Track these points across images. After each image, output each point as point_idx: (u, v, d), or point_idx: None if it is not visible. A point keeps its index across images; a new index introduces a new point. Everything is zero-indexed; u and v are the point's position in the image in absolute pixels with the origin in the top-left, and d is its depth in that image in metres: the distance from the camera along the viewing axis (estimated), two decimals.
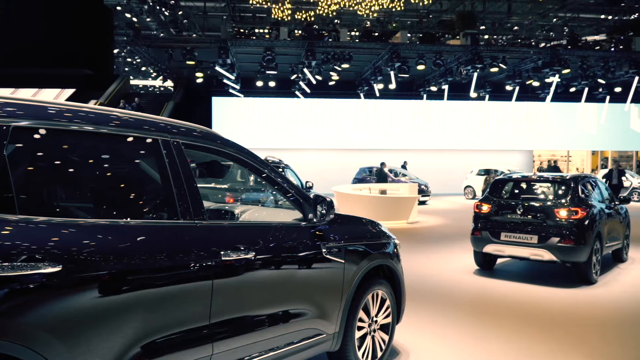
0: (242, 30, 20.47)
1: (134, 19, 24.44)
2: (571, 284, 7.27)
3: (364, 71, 21.94)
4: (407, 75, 19.25)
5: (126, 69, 33.88)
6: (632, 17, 24.58)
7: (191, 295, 2.55)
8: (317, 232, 3.43)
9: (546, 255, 7.21)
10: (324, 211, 3.47)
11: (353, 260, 3.68)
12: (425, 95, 22.99)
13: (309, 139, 24.10)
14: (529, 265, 8.65)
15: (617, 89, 21.72)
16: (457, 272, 8.11)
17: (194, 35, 21.74)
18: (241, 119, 23.92)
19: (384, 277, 4.13)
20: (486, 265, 8.24)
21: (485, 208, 7.91)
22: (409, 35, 21.61)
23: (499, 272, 8.23)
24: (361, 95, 22.77)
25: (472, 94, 21.11)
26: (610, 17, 25.33)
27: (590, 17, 26.81)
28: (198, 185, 2.81)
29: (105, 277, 2.18)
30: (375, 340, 3.98)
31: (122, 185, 2.70)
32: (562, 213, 7.20)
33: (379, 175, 18.14)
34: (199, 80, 20.33)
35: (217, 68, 18.76)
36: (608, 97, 22.50)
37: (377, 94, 21.54)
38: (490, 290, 7.01)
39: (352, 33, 24.85)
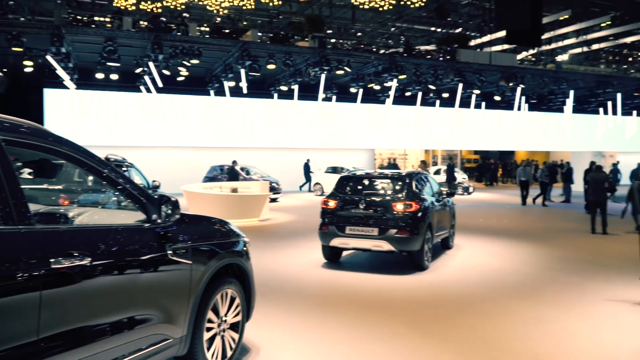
0: (79, 17, 18.77)
1: None
2: (407, 271, 7.96)
3: (215, 68, 21.56)
4: (258, 74, 19.34)
5: None
6: (457, 31, 27.60)
7: (14, 309, 2.30)
8: (162, 233, 3.32)
9: (385, 246, 7.81)
10: (169, 211, 3.37)
11: (201, 260, 3.62)
12: (276, 95, 23.34)
13: (156, 136, 23.00)
14: (371, 256, 9.27)
15: (445, 95, 24.23)
16: (307, 267, 8.40)
17: (22, 19, 19.43)
18: (78, 114, 21.95)
19: (233, 276, 4.13)
20: (333, 258, 8.66)
21: (332, 204, 8.31)
22: (259, 34, 21.74)
23: (345, 264, 8.71)
24: (211, 92, 22.35)
25: (321, 95, 21.96)
26: (439, 30, 28.18)
27: (423, 28, 29.55)
28: (25, 186, 2.54)
29: None
30: (225, 340, 3.96)
31: None
32: (399, 206, 7.85)
33: (231, 173, 18.04)
34: (28, 70, 18.21)
35: (48, 58, 16.98)
36: (438, 102, 24.99)
37: (228, 92, 21.34)
38: (337, 282, 7.39)
39: (202, 28, 24.26)
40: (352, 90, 22.71)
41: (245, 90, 20.24)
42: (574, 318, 5.75)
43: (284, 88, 22.28)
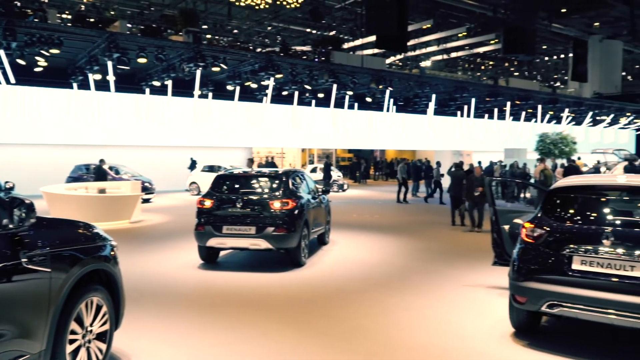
0: None
1: None
2: (285, 268, 8.06)
3: (78, 59, 19.98)
4: (128, 68, 18.31)
5: None
6: (331, 33, 28.53)
7: None
8: (15, 240, 3.01)
9: (263, 244, 7.83)
10: (22, 215, 3.06)
11: (62, 267, 3.35)
12: (148, 90, 22.25)
13: (10, 132, 20.75)
14: (249, 254, 9.24)
15: (321, 95, 24.91)
16: (182, 269, 8.14)
17: None
18: None
19: (100, 283, 3.88)
20: (210, 258, 8.49)
21: (208, 203, 8.14)
22: (129, 25, 20.57)
23: (223, 263, 8.59)
24: (74, 85, 20.68)
25: (196, 92, 21.36)
26: (314, 32, 28.92)
27: (299, 29, 30.11)
28: None
29: None
30: (90, 351, 3.71)
31: None
32: (276, 205, 7.92)
33: (98, 173, 16.85)
34: None
35: None
36: (314, 102, 25.61)
37: (93, 85, 19.89)
38: (214, 283, 7.26)
39: (63, 16, 22.37)
40: (229, 87, 22.40)
41: (113, 84, 19.01)
42: (438, 304, 6.25)
43: (156, 83, 21.29)
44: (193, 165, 23.63)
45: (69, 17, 20.15)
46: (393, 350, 4.73)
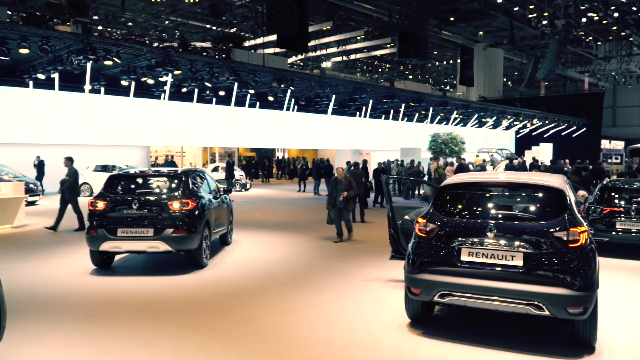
0: None
1: None
2: (186, 270, 7.85)
3: None
4: (8, 59, 16.79)
5: None
6: (232, 30, 28.15)
7: None
8: None
9: (162, 247, 7.55)
10: None
11: None
12: (31, 83, 20.54)
13: None
14: (147, 257, 8.87)
15: (222, 93, 24.49)
16: (73, 276, 7.62)
17: None
18: None
19: None
20: (104, 263, 8.04)
21: (101, 205, 7.70)
22: (9, 12, 18.83)
23: (118, 268, 8.17)
24: None
25: (87, 86, 20.06)
26: (214, 28, 28.36)
27: (198, 25, 29.35)
28: None
29: None
30: None
31: None
32: (175, 205, 7.68)
33: None
34: None
35: None
36: (215, 99, 25.13)
37: None
38: (108, 289, 6.88)
39: None
40: (124, 83, 21.30)
41: None
42: (339, 299, 6.42)
43: (41, 76, 19.71)
44: (40, 164, 21.85)
45: None
46: (297, 348, 4.79)
